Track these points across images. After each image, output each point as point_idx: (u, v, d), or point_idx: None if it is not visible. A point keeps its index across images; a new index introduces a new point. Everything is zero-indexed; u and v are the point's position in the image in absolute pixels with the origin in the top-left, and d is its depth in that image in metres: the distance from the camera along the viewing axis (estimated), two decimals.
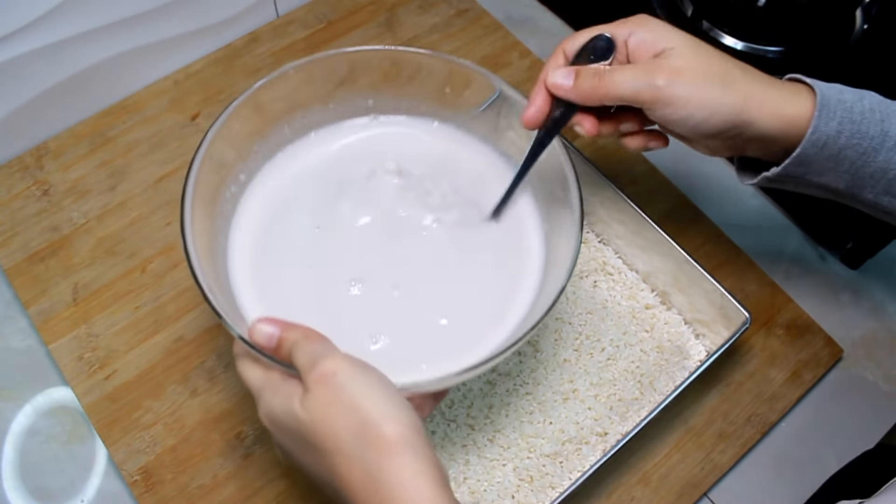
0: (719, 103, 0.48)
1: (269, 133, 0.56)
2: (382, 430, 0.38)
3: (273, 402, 0.42)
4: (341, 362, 0.40)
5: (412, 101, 0.59)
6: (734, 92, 0.49)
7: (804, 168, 0.50)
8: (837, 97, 0.49)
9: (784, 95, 0.49)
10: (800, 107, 0.49)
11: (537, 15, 0.83)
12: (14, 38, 0.63)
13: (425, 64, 0.56)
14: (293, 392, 0.41)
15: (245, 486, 0.58)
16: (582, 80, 0.51)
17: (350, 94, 0.58)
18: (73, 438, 0.60)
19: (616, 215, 0.65)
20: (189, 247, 0.47)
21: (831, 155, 0.49)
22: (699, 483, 0.60)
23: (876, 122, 0.48)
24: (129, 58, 0.71)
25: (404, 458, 0.38)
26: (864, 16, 0.78)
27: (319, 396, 0.39)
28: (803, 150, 0.49)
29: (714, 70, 0.49)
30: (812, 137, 0.48)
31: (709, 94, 0.48)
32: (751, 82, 0.49)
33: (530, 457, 0.59)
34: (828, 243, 0.71)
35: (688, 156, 0.75)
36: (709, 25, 0.78)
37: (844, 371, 0.66)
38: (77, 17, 0.65)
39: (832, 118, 0.48)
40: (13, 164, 0.70)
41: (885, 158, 0.49)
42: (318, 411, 0.39)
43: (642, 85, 0.49)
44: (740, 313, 0.59)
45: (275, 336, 0.43)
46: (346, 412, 0.39)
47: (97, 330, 0.63)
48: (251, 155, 0.56)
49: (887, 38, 0.77)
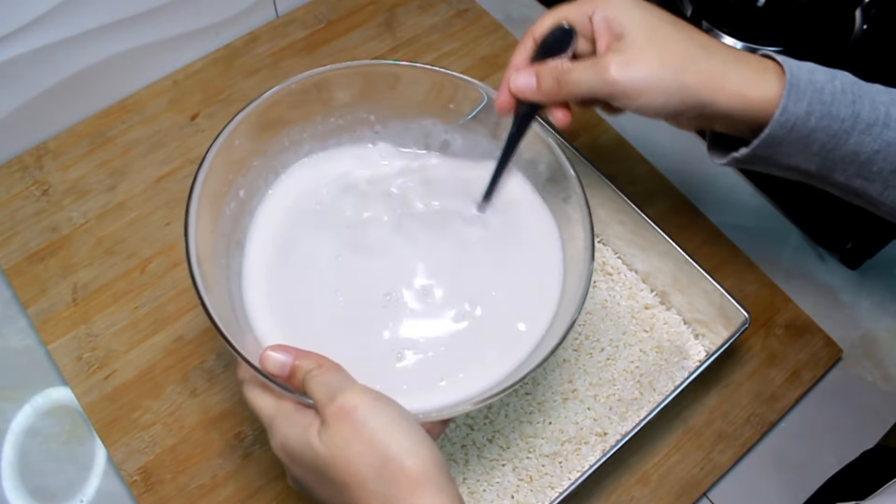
0: (674, 88, 0.47)
1: (268, 150, 0.56)
2: (405, 466, 0.38)
3: (289, 434, 0.41)
4: (362, 397, 0.40)
5: (412, 114, 0.59)
6: (691, 74, 0.47)
7: (773, 149, 0.48)
8: (808, 77, 0.47)
9: (749, 75, 0.48)
10: (767, 87, 0.47)
11: (537, 15, 0.83)
12: (14, 37, 0.63)
13: (419, 77, 0.56)
14: (310, 424, 0.41)
15: (244, 487, 0.58)
16: (543, 82, 0.50)
17: (351, 109, 0.58)
18: (73, 438, 0.60)
19: (615, 215, 0.65)
20: (193, 265, 0.45)
21: (801, 137, 0.47)
22: (698, 483, 0.60)
23: (847, 103, 0.47)
24: (128, 58, 0.71)
25: (427, 494, 0.37)
26: (863, 16, 0.78)
27: (339, 431, 0.39)
28: (772, 132, 0.47)
29: (669, 53, 0.47)
30: (781, 119, 0.47)
31: (663, 79, 0.47)
32: (711, 61, 0.48)
33: (529, 457, 0.59)
34: (827, 243, 0.71)
35: (688, 156, 0.75)
36: (708, 25, 0.78)
37: (844, 371, 0.66)
38: (77, 17, 0.65)
39: (801, 99, 0.46)
40: (13, 164, 0.70)
41: (856, 141, 0.47)
42: (339, 446, 0.39)
43: (597, 83, 0.48)
44: (739, 313, 0.59)
45: (287, 364, 0.42)
46: (368, 448, 0.38)
47: (96, 330, 0.63)
48: (251, 171, 0.55)
49: (887, 38, 0.77)
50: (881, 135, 0.47)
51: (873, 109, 0.47)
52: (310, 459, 0.40)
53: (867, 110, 0.47)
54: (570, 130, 0.74)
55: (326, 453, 0.39)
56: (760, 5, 0.80)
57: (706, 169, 0.74)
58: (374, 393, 0.40)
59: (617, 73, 0.47)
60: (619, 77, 0.47)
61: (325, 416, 0.40)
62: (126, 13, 0.68)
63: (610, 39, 0.49)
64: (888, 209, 0.50)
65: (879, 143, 0.47)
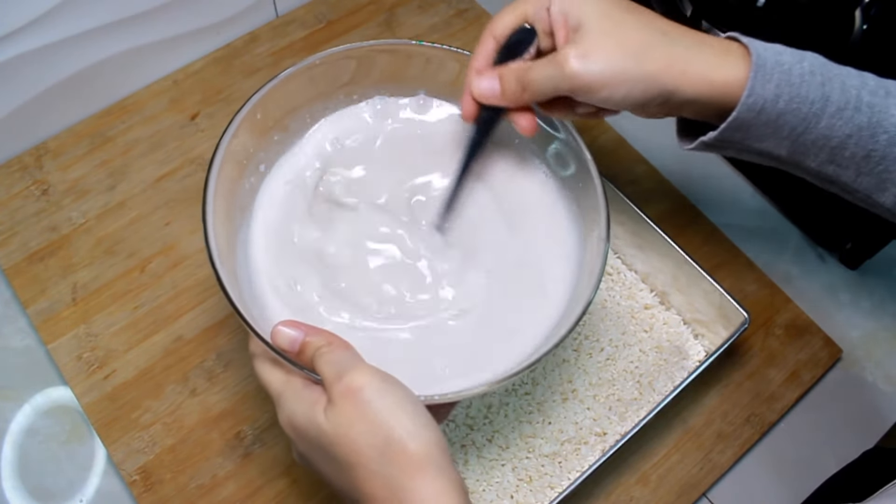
0: (636, 78, 0.46)
1: (290, 124, 0.56)
2: (407, 448, 0.38)
3: (296, 410, 0.42)
4: (370, 377, 0.40)
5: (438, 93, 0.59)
6: (652, 61, 0.46)
7: (742, 133, 0.47)
8: (775, 58, 0.46)
9: (712, 58, 0.46)
10: (731, 70, 0.46)
11: None
12: (14, 37, 0.63)
13: (446, 59, 0.56)
14: (316, 401, 0.41)
15: (244, 486, 0.58)
16: (506, 85, 0.49)
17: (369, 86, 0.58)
18: (73, 438, 0.60)
19: (615, 216, 0.65)
20: (210, 242, 0.46)
21: (770, 120, 0.46)
22: (698, 483, 0.60)
23: (816, 85, 0.45)
24: (128, 57, 0.71)
25: (427, 476, 0.38)
26: (863, 16, 0.78)
27: (345, 410, 0.39)
28: (739, 115, 0.46)
29: (628, 42, 0.46)
30: (748, 101, 0.45)
31: (624, 69, 0.46)
32: (672, 47, 0.46)
33: (529, 457, 0.59)
34: (827, 243, 0.71)
35: (687, 156, 0.75)
36: (708, 25, 0.78)
37: (843, 371, 0.66)
38: (76, 17, 0.65)
39: (769, 80, 0.45)
40: (12, 164, 0.70)
41: (826, 125, 0.46)
42: (343, 425, 0.39)
43: (558, 78, 0.47)
44: (739, 313, 0.59)
45: (298, 340, 0.42)
46: (372, 428, 0.38)
47: (96, 329, 0.63)
48: (272, 145, 0.55)
49: (887, 38, 0.77)
50: (852, 119, 0.46)
51: (843, 92, 0.46)
52: (315, 436, 0.40)
53: (837, 93, 0.46)
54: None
55: (331, 431, 0.39)
56: (760, 5, 0.80)
57: (706, 169, 0.74)
58: (382, 374, 0.40)
59: (576, 64, 0.46)
60: (578, 69, 0.46)
61: (332, 394, 0.40)
62: (126, 13, 0.68)
63: (567, 32, 0.48)
64: (862, 196, 0.49)
65: (850, 126, 0.46)
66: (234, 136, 0.51)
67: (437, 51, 0.56)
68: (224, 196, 0.50)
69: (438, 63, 0.57)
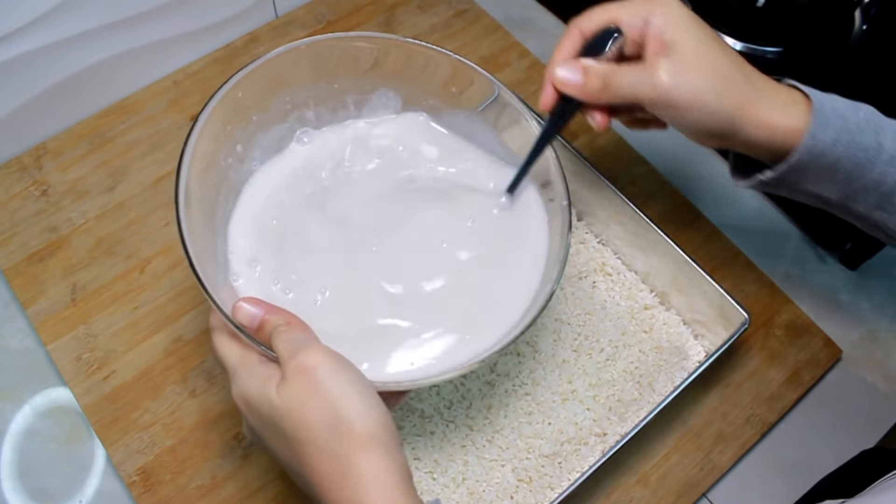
0: (712, 110, 0.48)
1: (270, 106, 0.56)
2: (354, 427, 0.39)
3: (249, 384, 0.43)
4: (323, 357, 0.41)
5: (417, 95, 0.59)
6: (728, 98, 0.48)
7: (798, 175, 0.50)
8: (832, 106, 0.49)
9: (779, 105, 0.49)
10: (792, 118, 0.49)
11: (536, 15, 0.83)
12: (13, 38, 0.63)
13: (433, 59, 0.57)
14: (270, 376, 0.42)
15: (244, 487, 0.58)
16: (589, 80, 0.50)
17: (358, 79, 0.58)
18: (72, 439, 0.60)
19: (615, 216, 0.65)
20: (180, 208, 0.46)
21: (827, 164, 0.49)
22: (698, 484, 0.60)
23: (871, 132, 0.48)
24: (127, 58, 0.71)
25: (373, 456, 0.39)
26: (862, 16, 0.78)
27: (297, 387, 0.40)
28: (800, 157, 0.48)
29: (715, 73, 0.48)
30: (809, 144, 0.48)
31: (703, 98, 0.48)
32: (746, 89, 0.49)
33: (529, 457, 0.59)
34: (827, 244, 0.71)
35: (687, 157, 0.75)
36: None
37: (843, 372, 0.66)
38: (76, 18, 0.65)
39: (828, 126, 0.48)
40: (12, 164, 0.70)
41: (880, 171, 0.48)
42: (295, 401, 0.40)
43: (644, 86, 0.49)
44: (739, 314, 0.59)
45: (257, 317, 0.44)
46: (323, 406, 0.39)
47: (96, 330, 0.63)
48: (250, 125, 0.55)
49: (886, 38, 0.77)
50: None
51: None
52: (266, 411, 0.41)
53: (890, 141, 0.48)
54: (571, 131, 0.74)
55: (283, 407, 0.40)
56: (760, 6, 0.80)
57: (706, 170, 0.74)
58: (335, 355, 0.42)
59: (665, 78, 0.48)
60: (666, 83, 0.48)
61: (286, 371, 0.41)
62: (125, 14, 0.68)
63: (659, 47, 0.49)
64: None
65: None
66: (213, 112, 0.51)
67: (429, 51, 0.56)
68: (201, 171, 0.51)
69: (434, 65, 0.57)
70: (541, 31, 0.82)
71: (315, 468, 0.40)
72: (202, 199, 0.51)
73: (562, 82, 0.51)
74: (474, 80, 0.57)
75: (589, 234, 0.68)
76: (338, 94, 0.58)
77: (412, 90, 0.59)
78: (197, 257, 0.46)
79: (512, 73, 0.78)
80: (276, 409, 0.40)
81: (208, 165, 0.52)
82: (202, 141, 0.50)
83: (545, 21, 0.83)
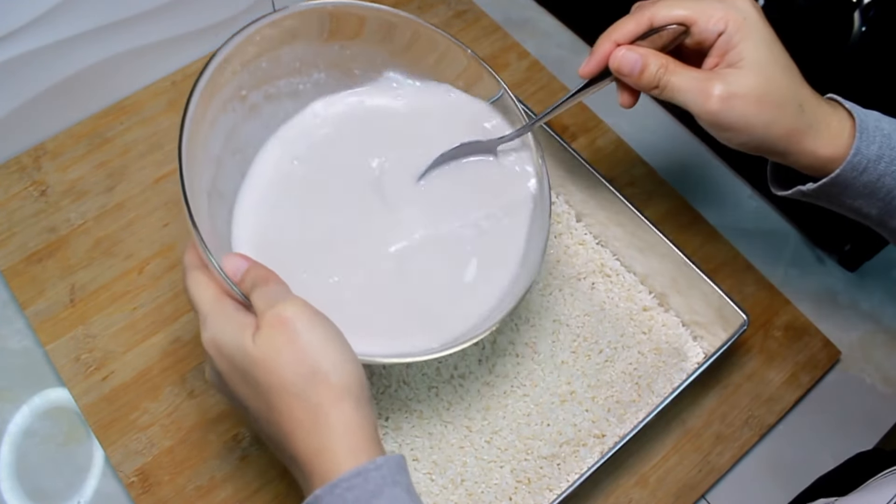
0: (759, 137, 0.49)
1: (281, 58, 0.56)
2: (330, 378, 0.40)
3: (225, 330, 0.43)
4: (301, 309, 0.42)
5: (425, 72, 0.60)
6: (778, 128, 0.49)
7: (839, 189, 0.50)
8: (875, 124, 0.49)
9: (826, 138, 0.49)
10: (839, 149, 0.49)
11: (536, 16, 0.83)
12: (12, 38, 0.63)
13: (451, 50, 0.58)
14: (246, 324, 0.42)
15: (242, 488, 0.58)
16: (647, 71, 0.50)
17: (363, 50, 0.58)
18: (70, 440, 0.60)
19: (614, 217, 0.65)
20: (183, 152, 0.46)
21: (869, 181, 0.49)
22: (697, 485, 0.60)
23: None
24: (127, 58, 0.71)
25: (345, 406, 0.40)
26: (862, 18, 0.78)
27: (274, 337, 0.41)
28: (843, 172, 0.49)
29: (768, 103, 0.48)
30: (853, 160, 0.48)
31: (754, 126, 0.49)
32: (798, 120, 0.49)
33: (528, 459, 0.59)
34: (826, 245, 0.71)
35: (687, 158, 0.75)
36: None
37: (842, 373, 0.66)
38: (75, 18, 0.65)
39: (872, 142, 0.49)
40: (11, 165, 0.70)
41: None
42: (272, 350, 0.41)
43: (692, 101, 0.49)
44: (738, 315, 0.59)
45: (241, 269, 0.45)
46: (300, 357, 0.40)
47: (94, 331, 0.63)
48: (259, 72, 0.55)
49: (885, 40, 0.77)
50: None
51: None
52: (239, 358, 0.42)
53: None
54: (570, 132, 0.74)
55: (258, 355, 0.41)
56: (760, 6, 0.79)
57: (705, 171, 0.74)
58: (312, 308, 0.42)
59: (716, 104, 0.48)
60: (716, 108, 0.48)
61: (262, 322, 0.41)
62: (125, 14, 0.68)
63: (721, 62, 0.50)
64: None
65: None
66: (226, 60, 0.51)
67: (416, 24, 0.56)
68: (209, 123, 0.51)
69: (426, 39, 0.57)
70: (540, 32, 0.82)
71: (286, 415, 0.41)
72: (205, 150, 0.51)
73: (620, 64, 0.51)
74: (482, 78, 0.58)
75: (588, 236, 0.68)
76: (348, 61, 0.58)
77: (424, 76, 0.59)
78: (191, 190, 0.46)
79: (511, 74, 0.78)
80: (251, 356, 0.41)
81: (217, 111, 0.52)
82: (213, 82, 0.50)
83: (545, 22, 0.83)
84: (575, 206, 0.69)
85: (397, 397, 0.60)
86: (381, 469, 0.39)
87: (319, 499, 0.39)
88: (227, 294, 0.45)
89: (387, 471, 0.40)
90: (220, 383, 0.45)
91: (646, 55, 0.50)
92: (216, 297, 0.44)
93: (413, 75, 0.60)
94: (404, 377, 0.61)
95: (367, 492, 0.39)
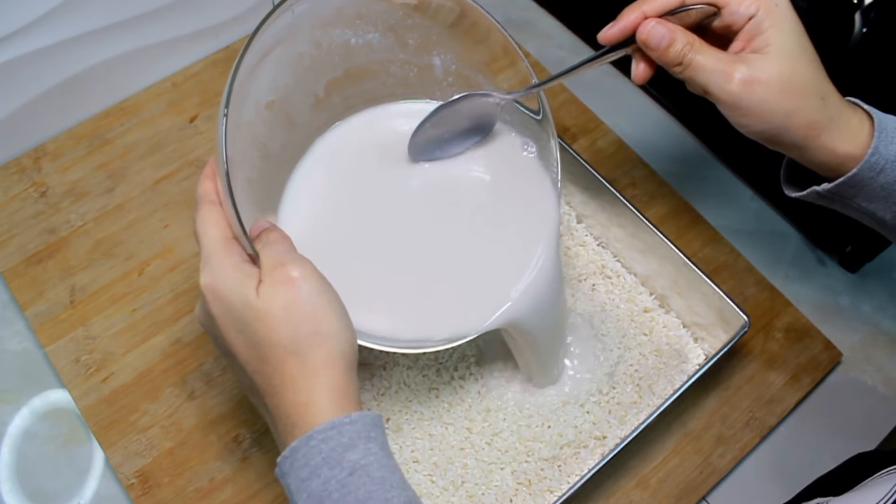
0: (778, 126, 0.49)
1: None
2: (328, 343, 0.42)
3: (228, 275, 0.42)
4: (309, 272, 0.42)
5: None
6: (798, 119, 0.48)
7: (855, 190, 0.50)
8: (895, 125, 0.49)
9: (846, 135, 0.49)
10: (857, 147, 0.49)
11: (536, 17, 0.83)
12: (12, 39, 0.63)
13: (493, 31, 0.56)
14: (251, 274, 0.42)
15: (242, 490, 0.58)
16: (673, 47, 0.49)
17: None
18: (70, 441, 0.59)
19: (615, 218, 0.65)
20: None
21: (886, 182, 0.49)
22: (697, 487, 0.60)
23: None
24: (127, 59, 0.71)
25: (337, 370, 0.42)
26: (862, 19, 0.78)
27: (279, 293, 0.41)
28: (860, 171, 0.49)
29: (792, 92, 0.48)
30: (871, 160, 0.48)
31: (773, 114, 0.48)
32: (818, 114, 0.49)
33: (528, 460, 0.59)
34: (827, 247, 0.71)
35: (687, 159, 0.75)
36: None
37: (843, 375, 0.66)
38: (75, 19, 0.65)
39: (891, 143, 0.48)
40: (11, 166, 0.70)
41: None
42: (275, 306, 0.41)
43: (714, 82, 0.48)
44: (739, 317, 0.59)
45: (260, 228, 0.45)
46: (303, 318, 0.41)
47: (94, 332, 0.63)
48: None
49: (886, 41, 0.77)
50: None
51: None
52: (239, 307, 0.42)
53: None
54: (571, 133, 0.74)
55: (261, 308, 0.41)
56: None
57: (706, 172, 0.74)
58: (319, 273, 0.43)
59: (738, 87, 0.48)
60: (737, 90, 0.48)
61: (268, 277, 0.42)
62: (125, 15, 0.68)
63: (747, 46, 0.49)
64: None
65: None
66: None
67: None
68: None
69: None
70: (541, 33, 0.82)
71: (279, 370, 0.41)
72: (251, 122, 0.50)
73: (649, 36, 0.50)
74: (515, 63, 0.57)
75: (588, 237, 0.68)
76: (406, 31, 0.57)
77: (464, 60, 0.59)
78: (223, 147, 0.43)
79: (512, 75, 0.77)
80: (253, 307, 0.41)
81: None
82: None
83: (545, 23, 0.83)
84: (575, 207, 0.69)
85: (398, 399, 0.60)
86: (355, 424, 0.41)
87: (296, 450, 0.40)
88: (237, 241, 0.44)
89: (361, 426, 0.41)
90: (211, 326, 0.44)
91: (674, 30, 0.49)
92: (224, 240, 0.44)
93: (459, 61, 0.58)
94: (405, 379, 0.61)
95: (341, 444, 0.40)
